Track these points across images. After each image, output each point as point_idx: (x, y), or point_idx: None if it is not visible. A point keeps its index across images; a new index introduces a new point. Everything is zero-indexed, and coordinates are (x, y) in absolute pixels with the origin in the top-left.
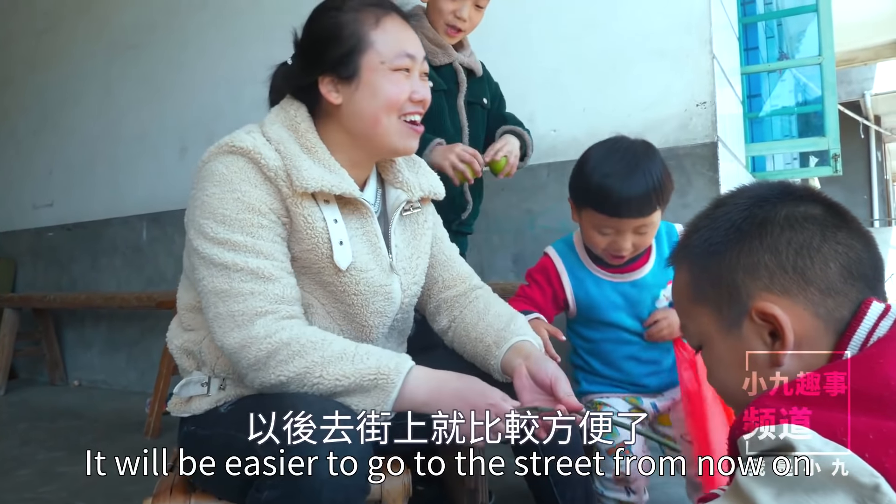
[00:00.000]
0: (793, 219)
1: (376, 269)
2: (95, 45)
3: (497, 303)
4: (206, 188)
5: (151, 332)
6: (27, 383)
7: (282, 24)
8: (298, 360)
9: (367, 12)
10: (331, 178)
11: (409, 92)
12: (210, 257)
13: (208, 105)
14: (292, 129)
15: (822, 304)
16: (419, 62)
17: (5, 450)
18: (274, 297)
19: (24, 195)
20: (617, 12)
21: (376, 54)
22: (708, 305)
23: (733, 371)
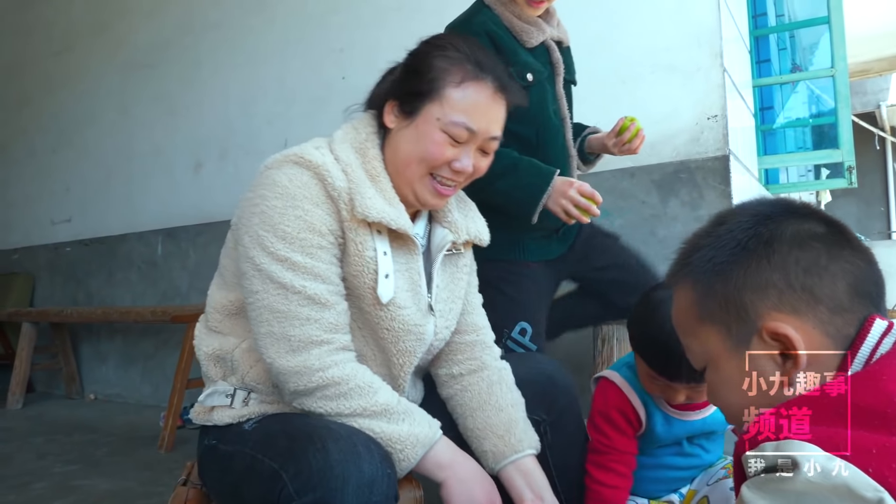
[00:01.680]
0: (799, 237)
1: (413, 308)
2: (110, 65)
3: (499, 386)
4: (268, 198)
5: (166, 346)
6: (44, 397)
7: (293, 43)
8: (342, 401)
9: (462, 68)
10: (390, 212)
11: (448, 159)
12: (268, 273)
13: (221, 122)
14: (360, 153)
15: (831, 323)
16: (480, 138)
17: (22, 463)
18: (329, 325)
19: (42, 211)
20: (627, 28)
21: (439, 109)
22: (715, 325)
23: (739, 389)
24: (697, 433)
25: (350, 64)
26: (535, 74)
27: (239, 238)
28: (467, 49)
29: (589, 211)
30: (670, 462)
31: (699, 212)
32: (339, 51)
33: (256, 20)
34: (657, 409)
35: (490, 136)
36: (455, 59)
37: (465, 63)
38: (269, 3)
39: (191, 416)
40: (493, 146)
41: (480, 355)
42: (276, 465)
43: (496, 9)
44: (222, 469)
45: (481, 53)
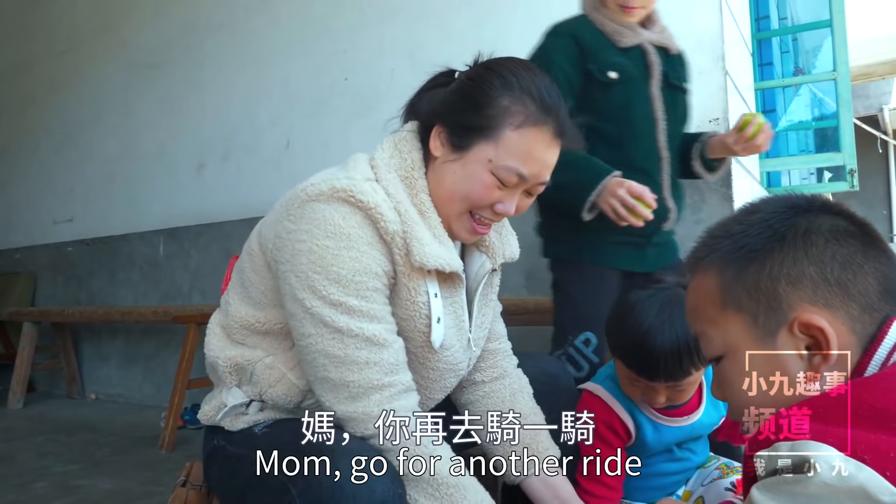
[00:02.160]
0: (837, 232)
1: (457, 346)
2: (114, 66)
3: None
4: (318, 237)
5: (167, 347)
6: (45, 396)
7: (297, 44)
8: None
9: (524, 108)
10: (445, 256)
11: (493, 201)
12: (322, 317)
13: (225, 123)
14: (408, 185)
15: (860, 320)
16: (530, 183)
17: (23, 462)
18: (389, 366)
19: (44, 211)
20: None
21: (493, 150)
22: (741, 312)
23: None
24: (686, 438)
25: (353, 65)
26: (620, 73)
27: (282, 274)
28: (532, 84)
29: (635, 210)
30: (663, 469)
31: (700, 214)
32: (342, 52)
33: (260, 21)
34: (645, 419)
35: (540, 182)
36: (518, 98)
37: (528, 103)
38: (272, 5)
39: (199, 417)
40: (541, 189)
41: (502, 363)
42: (285, 479)
43: (591, 15)
44: (229, 472)
45: (546, 90)
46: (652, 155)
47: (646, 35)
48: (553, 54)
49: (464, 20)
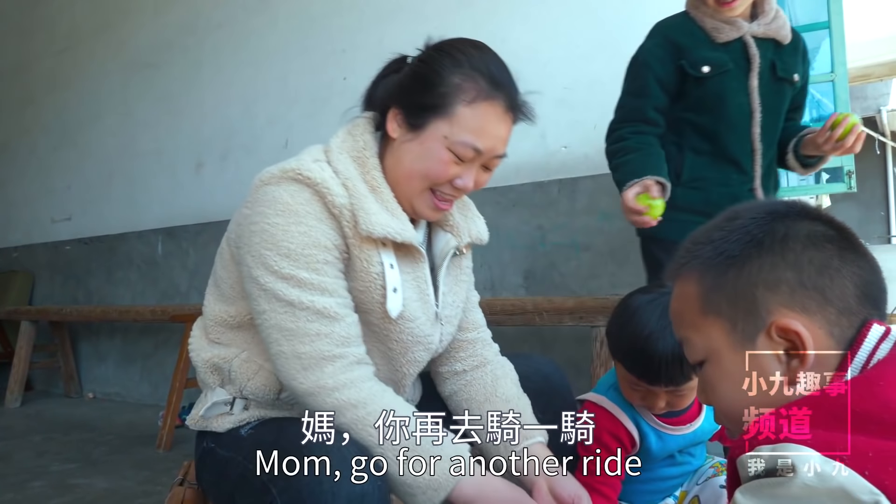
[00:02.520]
0: (814, 237)
1: (423, 319)
2: (113, 65)
3: (504, 379)
4: (269, 216)
5: (165, 346)
6: (43, 395)
7: (295, 44)
8: (357, 431)
9: (475, 85)
10: (395, 225)
11: (451, 176)
12: (274, 292)
13: (223, 122)
14: (359, 164)
15: (838, 324)
16: (486, 157)
17: (20, 461)
18: (340, 338)
19: (43, 209)
20: (628, 31)
21: (447, 127)
22: (720, 318)
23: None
24: (689, 445)
25: (352, 65)
26: (713, 67)
27: (241, 258)
28: (482, 62)
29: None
30: (663, 473)
31: None
32: (340, 52)
33: (259, 21)
34: (649, 428)
35: (495, 155)
36: (468, 75)
37: (478, 79)
38: (271, 5)
39: (187, 423)
40: (497, 163)
41: (482, 352)
42: (266, 479)
43: (692, 12)
44: (218, 474)
45: (496, 66)
46: (745, 146)
47: (748, 28)
48: (646, 55)
49: (462, 20)
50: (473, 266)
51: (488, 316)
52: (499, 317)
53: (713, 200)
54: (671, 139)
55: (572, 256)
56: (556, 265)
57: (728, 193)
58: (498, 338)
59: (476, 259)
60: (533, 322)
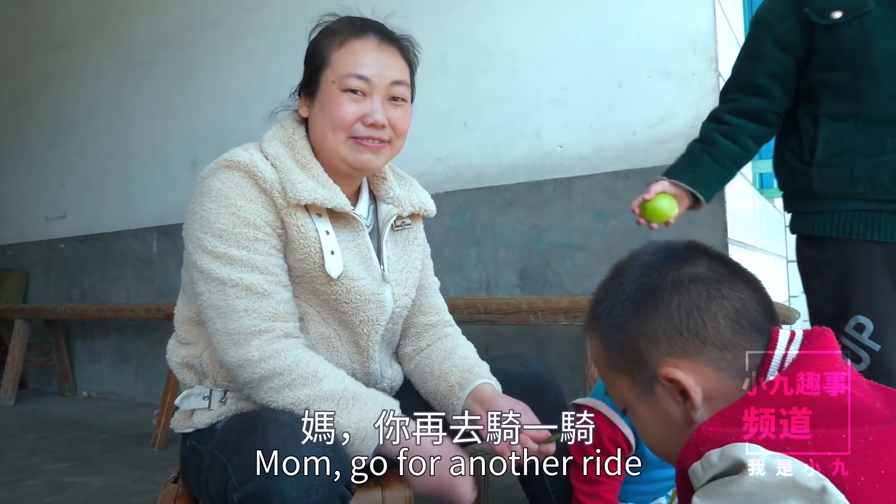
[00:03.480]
0: (678, 282)
1: (368, 279)
2: (109, 61)
3: (465, 345)
4: (204, 203)
5: (160, 344)
6: (37, 393)
7: (292, 42)
8: (287, 392)
9: (341, 34)
10: (323, 193)
11: (356, 114)
12: (208, 272)
13: (219, 120)
14: (289, 146)
15: (722, 359)
16: (381, 86)
17: (14, 460)
18: (268, 314)
19: (37, 207)
20: (624, 31)
21: (331, 72)
22: (622, 373)
23: (657, 430)
24: None
25: None
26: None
27: (186, 247)
28: (344, 20)
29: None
30: (658, 475)
31: (692, 215)
32: None
33: (255, 19)
34: None
35: (391, 82)
36: (336, 29)
37: (344, 27)
38: (267, 3)
39: (171, 426)
40: (399, 91)
41: (441, 331)
42: (225, 459)
43: None
44: (197, 469)
45: (362, 19)
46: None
47: None
48: (764, 12)
49: (457, 20)
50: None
51: (483, 315)
52: (494, 316)
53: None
54: (805, 110)
55: (567, 256)
56: (551, 265)
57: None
58: (493, 337)
59: (471, 258)
60: (528, 321)
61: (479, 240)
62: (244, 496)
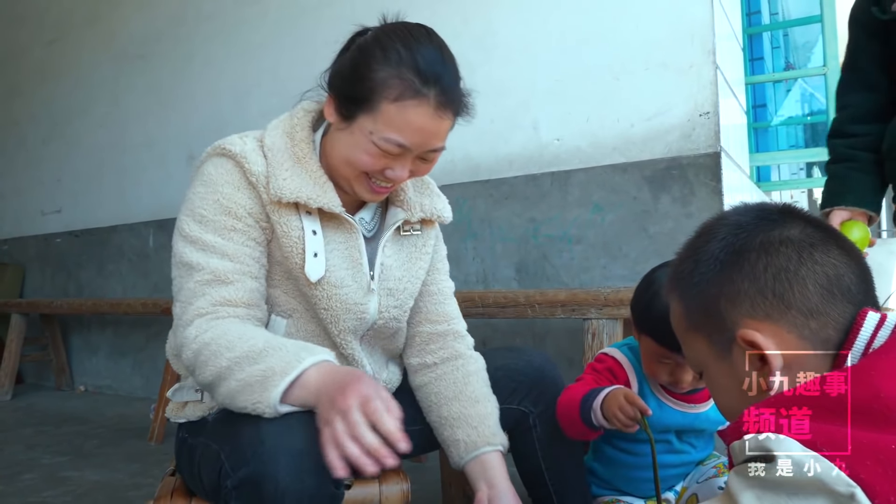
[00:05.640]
0: (768, 244)
1: (353, 287)
2: (103, 55)
3: (476, 374)
4: (195, 187)
5: (157, 339)
6: (33, 388)
7: (287, 35)
8: (214, 362)
9: (401, 82)
10: (309, 191)
11: (380, 168)
12: (180, 255)
13: (214, 114)
14: (289, 136)
15: (806, 326)
16: (417, 152)
17: (11, 454)
18: (220, 299)
19: (32, 202)
20: (620, 23)
21: (372, 123)
22: (700, 334)
23: (732, 393)
24: (688, 428)
25: None
26: None
27: None
28: (413, 53)
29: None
30: (661, 460)
31: (690, 208)
32: (332, 43)
33: (250, 12)
34: (651, 394)
35: (429, 150)
36: (395, 69)
37: (406, 73)
38: None
39: (166, 414)
40: (435, 156)
41: (453, 344)
42: (217, 447)
43: None
44: (189, 461)
45: (427, 60)
46: None
47: None
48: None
49: (453, 12)
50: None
51: (481, 308)
52: (491, 309)
53: None
54: None
55: (564, 249)
56: (548, 258)
57: None
58: (490, 330)
59: (468, 251)
60: (525, 315)
61: (477, 233)
62: (237, 482)
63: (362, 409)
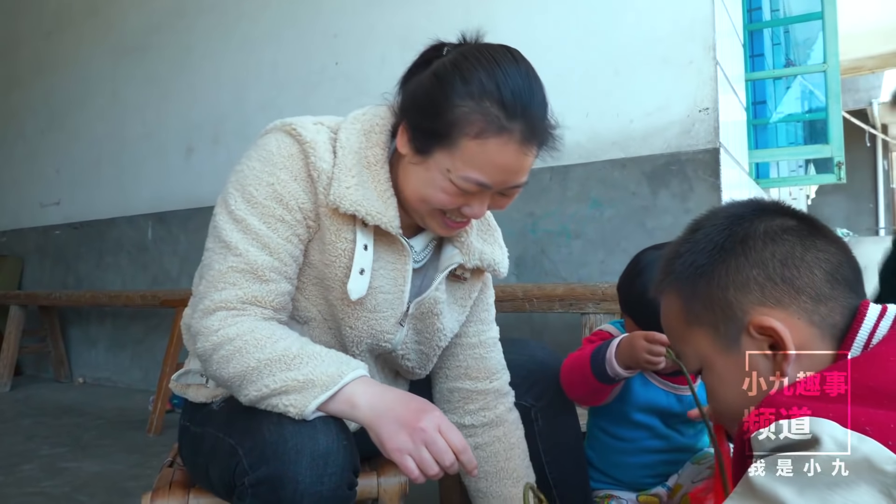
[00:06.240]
0: (772, 231)
1: (388, 314)
2: (102, 47)
3: (517, 457)
4: (252, 158)
5: (156, 331)
6: (32, 380)
7: (286, 28)
8: (239, 360)
9: (484, 116)
10: (370, 205)
11: (457, 206)
12: (220, 230)
13: (213, 106)
14: (366, 136)
15: (816, 312)
16: (497, 188)
17: (10, 445)
18: (250, 297)
19: (31, 194)
20: (621, 19)
21: (450, 161)
22: (703, 327)
23: (737, 388)
24: (671, 410)
25: (343, 50)
26: None
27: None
28: (496, 85)
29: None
30: (648, 445)
31: (688, 204)
32: (332, 36)
33: (250, 5)
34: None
35: (510, 187)
36: (478, 102)
37: (489, 108)
38: None
39: (171, 386)
40: (516, 192)
41: (495, 406)
42: (234, 442)
43: None
44: (194, 450)
45: (513, 90)
46: None
47: None
48: None
49: (454, 5)
50: None
51: None
52: None
53: None
54: None
55: (563, 244)
56: (546, 252)
57: None
58: None
59: None
60: (523, 308)
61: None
62: (256, 480)
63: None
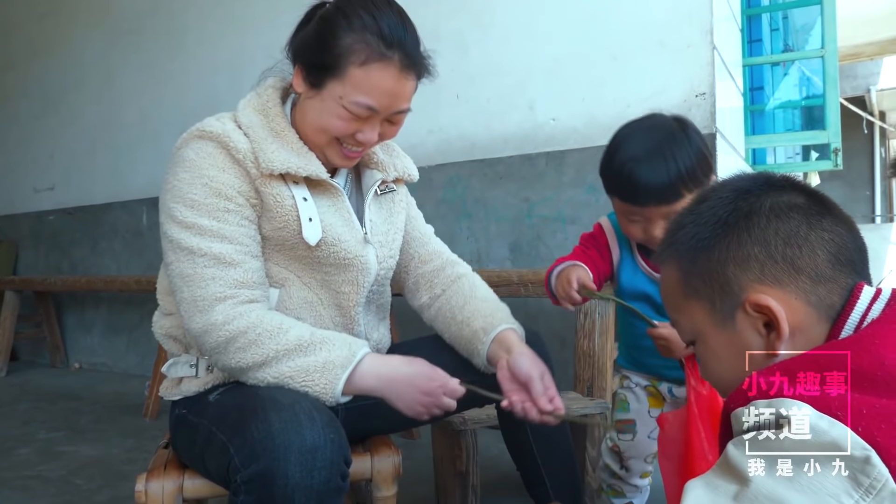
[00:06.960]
0: (778, 208)
1: (351, 241)
2: (96, 30)
3: (481, 285)
4: (178, 173)
5: (151, 316)
6: (28, 365)
7: (283, 11)
8: (254, 350)
9: (366, 46)
10: (297, 161)
11: (351, 132)
12: (177, 241)
13: (208, 91)
14: (263, 114)
15: (814, 292)
16: (385, 114)
17: (6, 430)
18: (234, 281)
19: (25, 179)
20: (618, 3)
21: (341, 87)
22: (700, 300)
23: (729, 363)
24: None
25: None
26: None
27: (160, 217)
28: (375, 18)
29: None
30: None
31: None
32: None
33: None
34: (629, 258)
35: (396, 112)
36: (360, 34)
37: (370, 39)
38: None
39: (161, 393)
40: (402, 117)
41: (449, 271)
42: (226, 438)
43: None
44: (189, 440)
45: (390, 24)
46: None
47: None
48: None
49: None
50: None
51: None
52: None
53: None
54: None
55: (559, 229)
56: (542, 238)
57: None
58: None
59: (462, 230)
60: (518, 294)
61: (471, 213)
62: (248, 478)
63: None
